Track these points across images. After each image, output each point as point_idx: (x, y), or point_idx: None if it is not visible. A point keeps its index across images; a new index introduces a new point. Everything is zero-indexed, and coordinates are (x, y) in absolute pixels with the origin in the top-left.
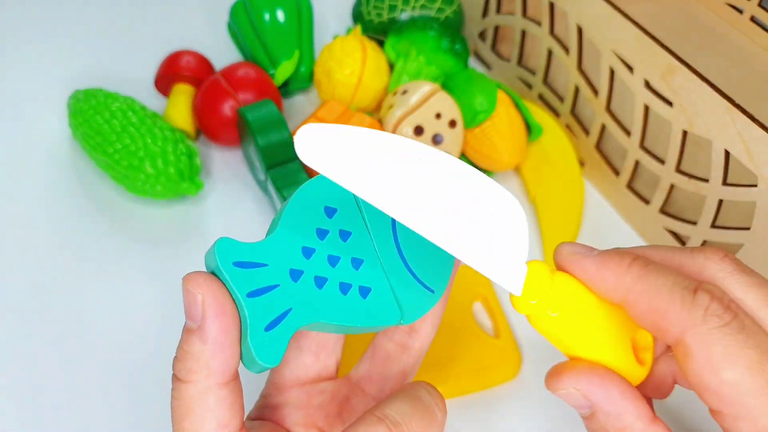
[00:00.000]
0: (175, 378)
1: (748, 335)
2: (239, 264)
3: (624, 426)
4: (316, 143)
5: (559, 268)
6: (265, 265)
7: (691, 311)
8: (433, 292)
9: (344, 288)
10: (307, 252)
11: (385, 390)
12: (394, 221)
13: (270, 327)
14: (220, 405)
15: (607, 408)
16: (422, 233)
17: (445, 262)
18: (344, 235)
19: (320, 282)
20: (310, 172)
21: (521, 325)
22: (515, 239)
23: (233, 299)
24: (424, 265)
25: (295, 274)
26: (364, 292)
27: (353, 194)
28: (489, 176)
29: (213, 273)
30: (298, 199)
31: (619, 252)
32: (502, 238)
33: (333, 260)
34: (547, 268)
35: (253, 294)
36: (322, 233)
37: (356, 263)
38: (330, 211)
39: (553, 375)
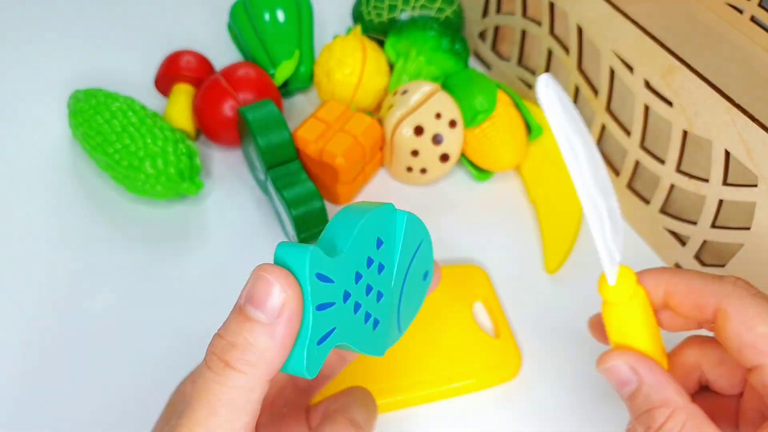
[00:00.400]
0: (225, 365)
1: None
2: (319, 276)
3: (667, 397)
4: (555, 95)
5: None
6: (332, 281)
7: (723, 285)
8: (400, 332)
9: (367, 317)
10: (358, 277)
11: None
12: (410, 265)
13: (321, 341)
14: (259, 402)
15: (651, 379)
16: (585, 208)
17: (416, 309)
18: (380, 267)
19: (357, 308)
20: (309, 173)
21: (521, 326)
22: (618, 245)
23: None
24: (406, 310)
25: (347, 296)
26: (376, 323)
27: (399, 233)
28: (489, 176)
29: (290, 272)
30: (367, 223)
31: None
32: (613, 239)
33: (369, 289)
34: (635, 276)
35: (320, 308)
36: (370, 262)
37: (379, 296)
38: (379, 243)
39: (605, 355)
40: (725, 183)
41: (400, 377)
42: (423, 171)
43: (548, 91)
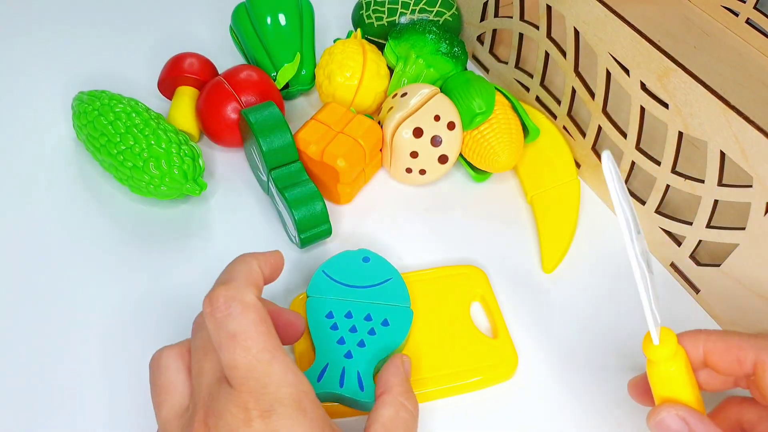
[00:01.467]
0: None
1: None
2: (319, 378)
3: None
4: (615, 170)
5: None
6: (327, 364)
7: (759, 341)
8: (391, 278)
9: (371, 332)
10: (340, 341)
11: None
12: (354, 283)
13: (361, 387)
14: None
15: (701, 428)
16: (634, 268)
17: (377, 265)
18: (348, 314)
19: (362, 344)
20: (311, 174)
21: (518, 327)
22: (658, 308)
23: None
24: (374, 274)
25: (347, 355)
26: (385, 323)
27: (329, 296)
28: (487, 177)
29: None
30: (310, 320)
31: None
32: (655, 303)
33: (353, 329)
34: (675, 336)
35: (341, 384)
36: (334, 327)
37: (367, 317)
38: (329, 314)
39: (655, 409)
40: (720, 184)
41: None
42: (422, 172)
43: (610, 165)
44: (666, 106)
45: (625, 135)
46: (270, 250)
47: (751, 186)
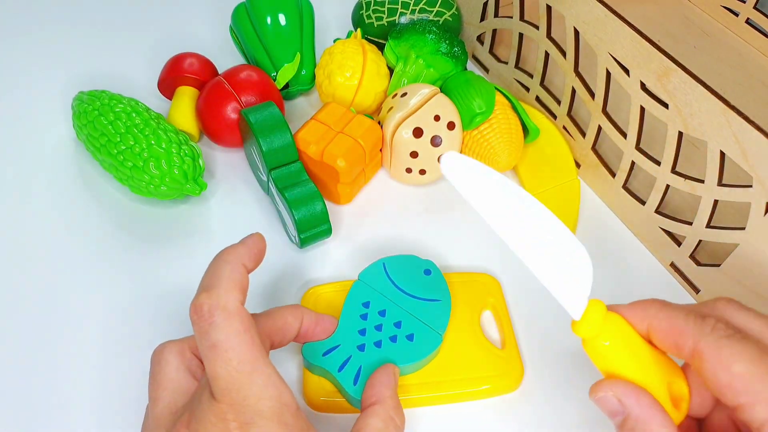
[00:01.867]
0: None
1: (747, 340)
2: (326, 353)
3: (651, 429)
4: (457, 166)
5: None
6: (339, 345)
7: (702, 327)
8: (440, 300)
9: (393, 339)
10: (362, 331)
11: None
12: (406, 289)
13: (355, 381)
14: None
15: (637, 412)
16: (519, 255)
17: (435, 282)
18: (382, 312)
19: (378, 344)
20: (311, 174)
21: (527, 339)
22: (582, 281)
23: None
24: (428, 289)
25: (361, 347)
26: (410, 337)
27: (376, 288)
28: None
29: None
30: (347, 301)
31: (650, 299)
32: (572, 277)
33: (378, 327)
34: (604, 306)
35: (340, 368)
36: (364, 316)
37: (397, 324)
38: (366, 303)
39: (596, 384)
40: (720, 184)
41: (402, 378)
42: (422, 172)
43: (451, 167)
44: (666, 106)
45: (625, 135)
46: (250, 236)
47: (751, 186)
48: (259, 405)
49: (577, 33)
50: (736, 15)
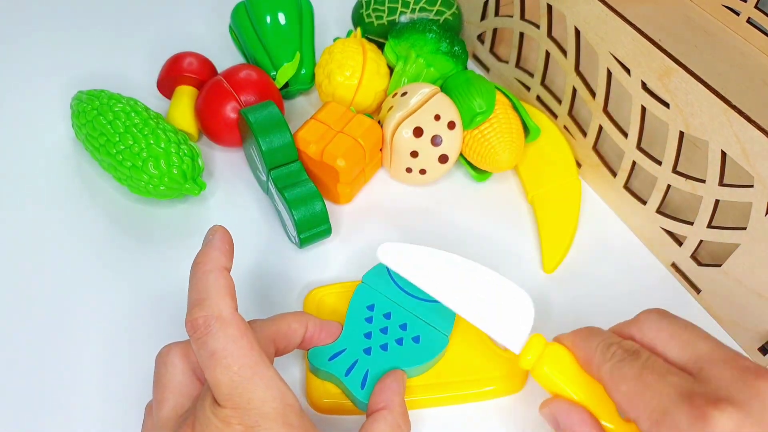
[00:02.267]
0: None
1: (635, 360)
2: (332, 357)
3: None
4: (393, 254)
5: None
6: (345, 349)
7: (603, 355)
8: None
9: (399, 341)
10: (368, 335)
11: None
12: (410, 291)
13: (362, 385)
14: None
15: (569, 427)
16: (461, 314)
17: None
18: (387, 315)
19: (384, 347)
20: (310, 173)
21: None
22: (523, 320)
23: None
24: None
25: (367, 351)
26: (416, 339)
27: (380, 290)
28: (487, 177)
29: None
30: (352, 304)
31: (584, 328)
32: (514, 319)
33: (384, 330)
34: (543, 339)
35: (347, 373)
36: (369, 319)
37: (403, 326)
38: (370, 306)
39: (542, 402)
40: (721, 183)
41: (407, 380)
42: (422, 172)
43: (387, 256)
44: (667, 105)
45: (626, 134)
46: (215, 234)
47: (752, 186)
48: (263, 407)
49: (578, 32)
50: (738, 14)
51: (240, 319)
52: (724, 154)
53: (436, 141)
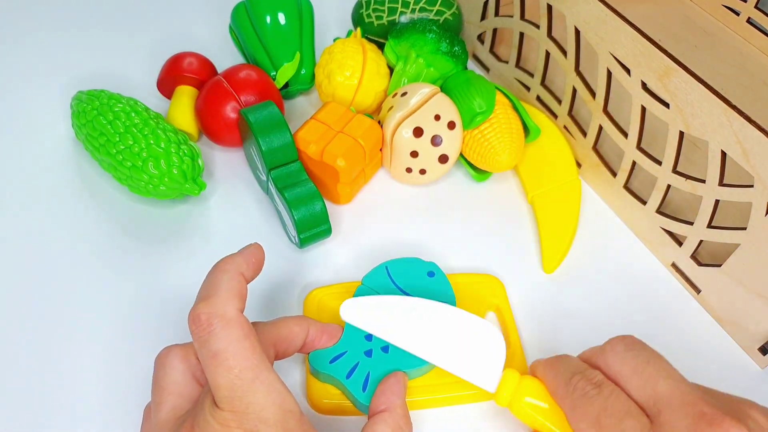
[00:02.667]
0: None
1: (598, 397)
2: (332, 360)
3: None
4: (355, 311)
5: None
6: (345, 352)
7: (566, 389)
8: (444, 303)
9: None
10: (368, 337)
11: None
12: (410, 292)
13: (364, 388)
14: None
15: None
16: (430, 360)
17: (439, 284)
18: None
19: (385, 349)
20: (310, 173)
21: (531, 340)
22: (494, 357)
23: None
24: (432, 292)
25: (368, 353)
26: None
27: (380, 292)
28: (487, 177)
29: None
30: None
31: (555, 356)
32: (485, 358)
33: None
34: (516, 375)
35: (348, 375)
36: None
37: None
38: None
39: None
40: (721, 183)
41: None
42: (422, 172)
43: (350, 313)
44: (667, 105)
45: (626, 134)
46: (248, 246)
47: (752, 186)
48: (263, 413)
49: (578, 32)
50: (737, 14)
51: (244, 321)
52: (724, 154)
53: (436, 141)
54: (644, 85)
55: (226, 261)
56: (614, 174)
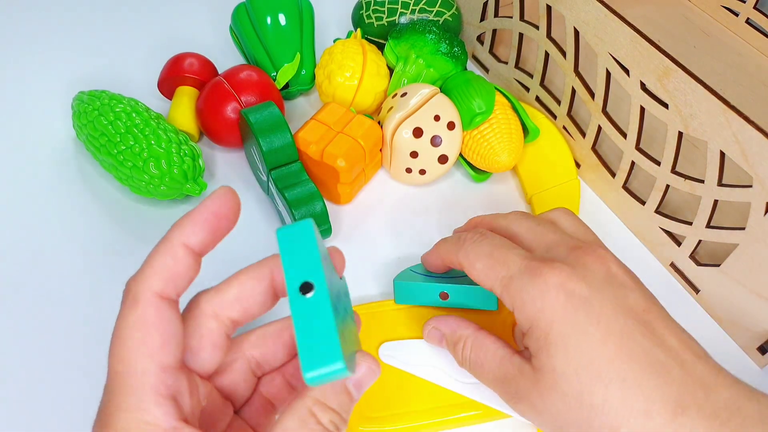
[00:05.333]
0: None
1: (486, 240)
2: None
3: (459, 335)
4: (395, 352)
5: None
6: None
7: (456, 244)
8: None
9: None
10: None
11: None
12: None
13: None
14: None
15: (446, 328)
16: (469, 395)
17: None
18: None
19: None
20: (311, 174)
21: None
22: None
23: None
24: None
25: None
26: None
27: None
28: (487, 177)
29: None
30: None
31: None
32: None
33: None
34: None
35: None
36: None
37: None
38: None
39: (425, 324)
40: (720, 184)
41: (413, 404)
42: (422, 172)
43: (391, 354)
44: (666, 106)
45: (625, 135)
46: (209, 197)
47: (750, 186)
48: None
49: (577, 33)
50: (736, 15)
51: (152, 304)
52: (722, 155)
53: (435, 141)
54: (643, 86)
55: (173, 227)
56: (613, 174)
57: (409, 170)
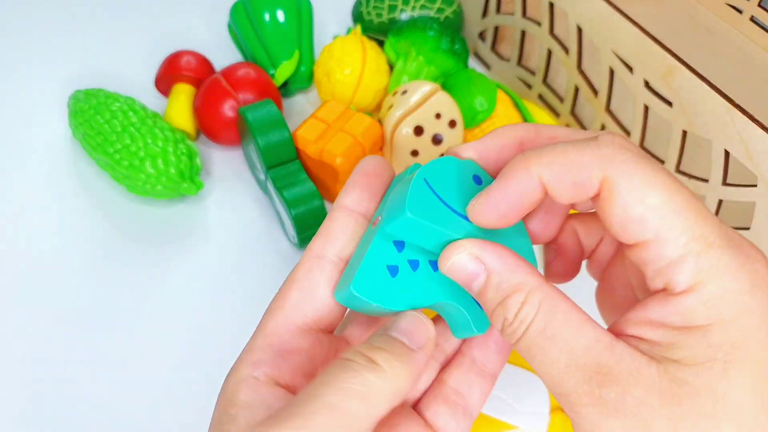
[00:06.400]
0: (370, 360)
1: (658, 165)
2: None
3: (519, 281)
4: None
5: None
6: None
7: (602, 150)
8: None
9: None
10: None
11: None
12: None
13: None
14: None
15: (499, 265)
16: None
17: None
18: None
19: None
20: (309, 173)
21: None
22: (540, 401)
23: None
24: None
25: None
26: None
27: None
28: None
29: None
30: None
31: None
32: (529, 402)
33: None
34: (564, 416)
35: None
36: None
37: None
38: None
39: (446, 250)
40: (725, 183)
41: None
42: None
43: None
44: (670, 104)
45: (628, 133)
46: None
47: (755, 185)
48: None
49: (580, 30)
50: (741, 12)
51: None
52: (727, 154)
53: (436, 139)
54: (647, 84)
55: (341, 195)
56: None
57: None
